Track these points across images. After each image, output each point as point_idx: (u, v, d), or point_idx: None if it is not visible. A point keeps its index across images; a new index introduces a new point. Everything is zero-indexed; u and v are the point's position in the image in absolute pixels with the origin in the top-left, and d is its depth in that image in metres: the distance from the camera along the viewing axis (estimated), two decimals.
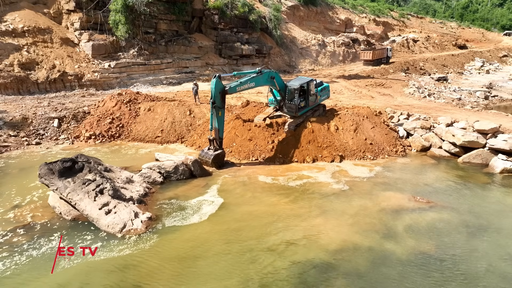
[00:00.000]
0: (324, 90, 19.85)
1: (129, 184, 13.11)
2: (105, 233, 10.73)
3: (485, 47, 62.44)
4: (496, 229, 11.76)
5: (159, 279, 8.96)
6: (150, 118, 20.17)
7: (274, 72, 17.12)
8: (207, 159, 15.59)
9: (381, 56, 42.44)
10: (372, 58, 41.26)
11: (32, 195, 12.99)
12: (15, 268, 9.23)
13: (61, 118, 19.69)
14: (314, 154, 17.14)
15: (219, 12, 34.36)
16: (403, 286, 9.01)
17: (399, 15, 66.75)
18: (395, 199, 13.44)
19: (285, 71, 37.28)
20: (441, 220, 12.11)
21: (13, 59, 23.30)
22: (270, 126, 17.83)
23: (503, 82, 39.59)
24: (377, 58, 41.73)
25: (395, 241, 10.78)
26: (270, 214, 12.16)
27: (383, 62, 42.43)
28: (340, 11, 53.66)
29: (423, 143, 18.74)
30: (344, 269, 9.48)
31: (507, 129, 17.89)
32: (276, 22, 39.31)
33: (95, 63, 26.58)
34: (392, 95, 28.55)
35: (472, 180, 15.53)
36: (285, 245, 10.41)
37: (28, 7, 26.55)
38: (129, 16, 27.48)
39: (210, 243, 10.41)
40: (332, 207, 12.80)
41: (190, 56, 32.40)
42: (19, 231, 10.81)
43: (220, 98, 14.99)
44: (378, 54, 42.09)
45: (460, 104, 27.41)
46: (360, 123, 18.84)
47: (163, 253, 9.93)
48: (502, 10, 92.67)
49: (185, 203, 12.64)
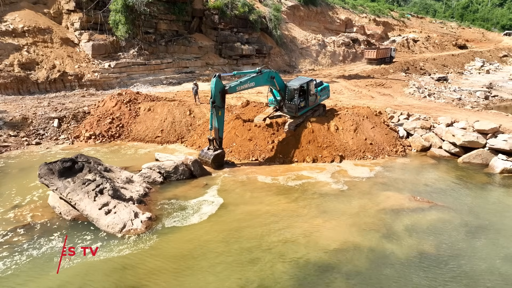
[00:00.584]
0: (324, 90, 19.85)
1: (129, 184, 13.11)
2: (105, 233, 10.72)
3: (485, 47, 62.41)
4: (496, 229, 11.76)
5: (158, 280, 8.95)
6: (150, 118, 20.17)
7: (274, 72, 17.12)
8: (207, 159, 15.59)
9: (384, 56, 43.40)
10: (376, 57, 42.29)
11: (32, 195, 12.98)
12: (15, 268, 9.22)
13: (61, 118, 19.69)
14: (314, 154, 17.14)
15: (219, 12, 34.33)
16: (403, 286, 9.01)
17: (399, 15, 66.73)
18: (395, 199, 13.44)
19: (285, 71, 37.25)
20: (441, 220, 12.10)
21: (13, 59, 23.30)
22: (270, 126, 17.83)
23: (503, 82, 39.58)
24: (381, 57, 42.72)
25: (395, 241, 10.77)
26: (269, 215, 12.15)
27: (386, 62, 43.20)
28: (340, 11, 53.63)
29: (423, 143, 18.73)
30: (344, 269, 9.47)
31: (507, 129, 17.89)
32: (276, 22, 39.29)
33: (95, 63, 26.57)
34: (392, 95, 28.54)
35: (472, 180, 15.53)
36: (284, 245, 10.40)
37: (28, 7, 26.54)
38: (129, 16, 27.46)
39: (210, 244, 10.39)
40: (332, 207, 12.79)
41: (190, 56, 32.39)
42: (19, 231, 10.80)
43: (220, 97, 15.00)
44: (382, 54, 43.15)
45: (460, 104, 27.40)
46: (360, 123, 18.84)
47: (162, 254, 9.91)
48: (502, 10, 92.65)
49: (185, 203, 12.64)
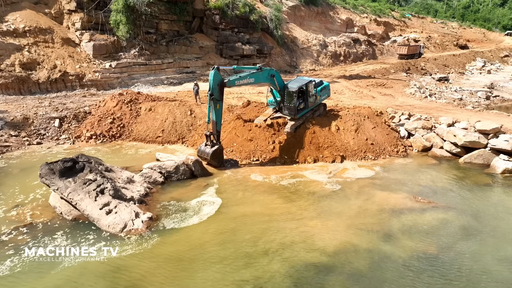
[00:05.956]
0: (324, 90, 19.63)
1: (130, 184, 13.10)
2: (106, 232, 10.71)
3: (486, 47, 62.31)
4: (496, 230, 11.73)
5: (156, 280, 8.97)
6: (151, 118, 20.17)
7: (274, 71, 17.05)
8: (206, 156, 15.58)
9: (414, 52, 47.70)
10: (407, 53, 46.56)
11: (33, 195, 12.97)
12: (13, 268, 9.22)
13: (62, 118, 19.69)
14: (315, 155, 17.11)
15: (220, 12, 34.33)
16: (403, 286, 8.99)
17: (400, 15, 66.66)
18: (396, 200, 13.41)
19: (286, 71, 37.21)
20: (442, 220, 12.07)
21: (14, 59, 23.32)
22: (271, 126, 17.79)
23: (504, 82, 39.51)
24: (411, 53, 47.10)
25: (395, 241, 10.75)
26: (269, 216, 12.12)
27: (415, 57, 47.32)
28: (341, 11, 53.56)
29: (424, 143, 18.69)
30: (343, 271, 9.45)
31: (509, 129, 17.85)
32: (277, 22, 39.25)
33: (96, 63, 26.58)
34: (393, 95, 28.50)
35: (474, 180, 15.49)
36: (284, 246, 10.37)
37: (29, 7, 26.56)
38: (130, 16, 27.48)
39: (208, 245, 10.37)
40: (332, 208, 12.77)
41: (191, 56, 32.39)
42: (22, 230, 10.82)
43: (218, 90, 14.81)
44: (412, 50, 47.56)
45: (462, 104, 27.34)
46: (361, 123, 18.81)
47: (162, 254, 9.91)
48: (503, 10, 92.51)
49: (186, 204, 12.62)
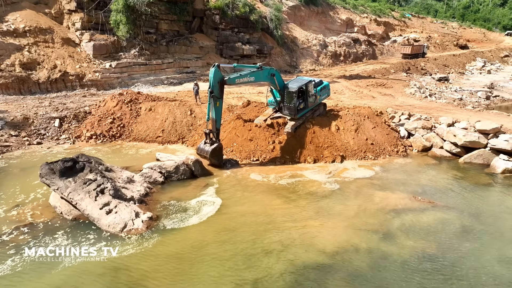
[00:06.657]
0: (324, 89, 19.62)
1: (130, 184, 13.11)
2: (106, 232, 10.72)
3: (486, 47, 62.29)
4: (496, 230, 11.74)
5: (157, 279, 8.99)
6: (151, 118, 20.17)
7: (275, 70, 17.04)
8: (205, 154, 15.58)
9: (418, 52, 48.10)
10: (410, 53, 46.96)
11: (33, 195, 12.99)
12: (14, 268, 9.23)
13: (62, 118, 19.70)
14: (315, 155, 17.12)
15: (220, 12, 34.33)
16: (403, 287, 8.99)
17: (400, 15, 66.66)
18: (396, 199, 13.41)
19: (286, 71, 37.20)
20: (442, 220, 12.08)
21: (14, 59, 23.33)
22: (271, 126, 17.80)
23: (504, 82, 39.50)
24: (414, 53, 47.46)
25: (395, 241, 10.75)
26: (269, 216, 12.13)
27: (419, 57, 47.69)
28: (341, 11, 53.55)
29: (424, 143, 18.70)
30: (343, 270, 9.46)
31: (509, 129, 17.85)
32: (277, 22, 39.25)
33: (96, 63, 26.59)
34: (393, 95, 28.50)
35: (474, 180, 15.50)
36: (283, 246, 10.38)
37: (29, 7, 26.57)
38: (130, 16, 27.48)
39: (208, 245, 10.37)
40: (332, 208, 12.77)
41: (191, 56, 32.39)
42: (22, 229, 10.83)
43: (218, 88, 14.81)
44: (415, 50, 47.92)
45: (462, 104, 27.34)
46: (361, 123, 18.81)
47: (162, 254, 9.91)
48: (503, 10, 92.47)
49: (186, 204, 12.63)
